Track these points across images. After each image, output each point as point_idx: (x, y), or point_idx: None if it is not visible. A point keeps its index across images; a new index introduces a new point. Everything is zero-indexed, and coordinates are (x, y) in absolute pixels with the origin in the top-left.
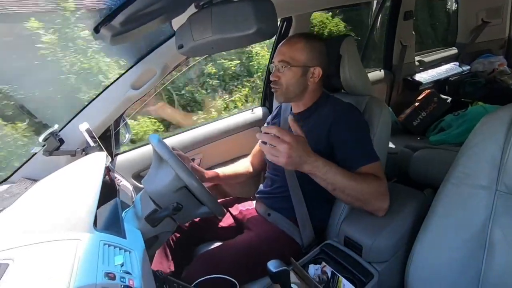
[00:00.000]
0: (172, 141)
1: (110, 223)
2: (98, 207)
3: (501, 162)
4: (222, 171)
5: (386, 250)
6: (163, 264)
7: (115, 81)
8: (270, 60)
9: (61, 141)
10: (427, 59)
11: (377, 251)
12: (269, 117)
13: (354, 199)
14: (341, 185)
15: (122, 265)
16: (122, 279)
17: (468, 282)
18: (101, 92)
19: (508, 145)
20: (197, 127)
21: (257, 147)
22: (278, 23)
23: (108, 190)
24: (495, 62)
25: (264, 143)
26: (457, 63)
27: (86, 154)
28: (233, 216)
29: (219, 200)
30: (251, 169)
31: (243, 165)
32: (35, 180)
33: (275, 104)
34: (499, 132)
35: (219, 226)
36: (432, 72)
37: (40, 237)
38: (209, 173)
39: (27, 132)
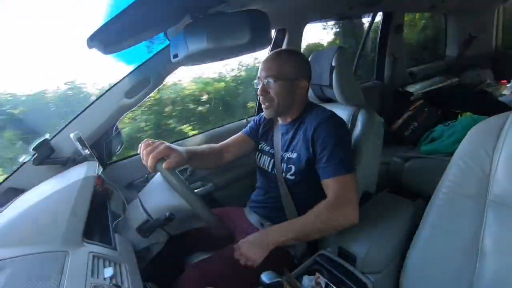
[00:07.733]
0: None
1: (101, 234)
2: (88, 218)
3: (490, 172)
4: (193, 150)
5: (380, 260)
6: (154, 276)
7: (108, 90)
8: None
9: (52, 150)
10: (417, 71)
11: (371, 261)
12: (253, 123)
13: (322, 232)
14: (304, 232)
15: (111, 277)
16: None
17: None
18: (94, 101)
19: (496, 155)
20: (189, 136)
21: (238, 138)
22: (272, 34)
23: (99, 200)
24: (482, 75)
25: None
26: (446, 75)
27: (77, 164)
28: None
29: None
30: (222, 158)
31: (213, 150)
32: (24, 190)
33: None
34: (488, 142)
35: (210, 235)
36: (422, 84)
37: (27, 250)
38: (186, 154)
39: None
